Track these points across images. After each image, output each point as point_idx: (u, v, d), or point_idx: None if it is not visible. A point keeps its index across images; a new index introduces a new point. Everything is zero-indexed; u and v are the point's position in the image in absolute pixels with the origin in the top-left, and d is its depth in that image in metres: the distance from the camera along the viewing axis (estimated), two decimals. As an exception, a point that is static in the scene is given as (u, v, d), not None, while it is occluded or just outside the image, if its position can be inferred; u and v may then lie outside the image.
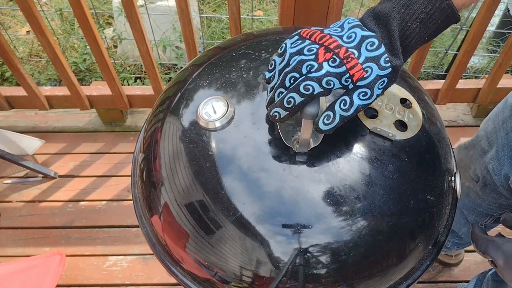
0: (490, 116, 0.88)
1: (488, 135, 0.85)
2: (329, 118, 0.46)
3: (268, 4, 2.55)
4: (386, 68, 0.44)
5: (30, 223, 1.48)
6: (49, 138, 1.67)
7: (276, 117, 0.47)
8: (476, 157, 0.88)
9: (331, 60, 0.44)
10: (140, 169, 0.63)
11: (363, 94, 0.45)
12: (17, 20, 2.43)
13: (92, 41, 1.36)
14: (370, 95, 0.45)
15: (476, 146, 0.89)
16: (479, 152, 0.87)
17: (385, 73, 0.44)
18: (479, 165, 0.87)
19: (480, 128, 0.91)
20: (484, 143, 0.86)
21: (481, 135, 0.88)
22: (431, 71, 2.21)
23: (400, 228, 0.53)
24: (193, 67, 0.65)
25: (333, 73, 0.44)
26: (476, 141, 0.89)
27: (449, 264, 1.39)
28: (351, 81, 0.44)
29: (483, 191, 0.89)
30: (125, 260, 1.40)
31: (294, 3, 1.14)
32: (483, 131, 0.88)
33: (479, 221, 1.01)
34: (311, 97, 0.45)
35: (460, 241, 1.15)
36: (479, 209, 0.96)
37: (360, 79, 0.44)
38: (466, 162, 0.92)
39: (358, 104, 0.45)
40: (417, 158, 0.55)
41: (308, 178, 0.51)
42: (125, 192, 1.56)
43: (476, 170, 0.88)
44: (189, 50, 1.39)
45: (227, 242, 0.52)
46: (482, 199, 0.92)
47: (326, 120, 0.46)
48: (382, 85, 0.45)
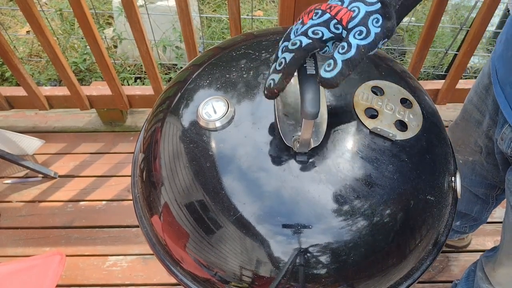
0: (470, 92, 0.90)
1: (477, 106, 0.87)
2: (330, 65, 0.44)
3: (268, 4, 2.55)
4: (373, 4, 0.44)
5: (30, 223, 1.48)
6: (49, 138, 1.67)
7: (271, 84, 0.46)
8: (474, 129, 0.90)
9: (313, 15, 0.46)
10: (140, 169, 0.63)
11: (358, 33, 0.44)
12: (17, 20, 2.43)
13: (92, 41, 1.35)
14: (367, 32, 0.44)
15: (470, 119, 0.91)
16: (474, 124, 0.89)
17: (373, 8, 0.44)
18: (479, 135, 0.89)
19: (465, 104, 0.93)
20: (476, 114, 0.88)
21: (469, 108, 0.90)
22: (431, 71, 2.21)
23: (400, 228, 0.53)
24: (193, 67, 0.65)
25: (316, 23, 0.45)
26: (468, 115, 0.91)
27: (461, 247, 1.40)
28: (342, 27, 0.45)
29: (487, 161, 0.91)
30: (125, 260, 1.40)
31: (294, 3, 1.14)
32: (470, 105, 0.90)
33: (489, 193, 1.02)
34: (300, 51, 0.45)
35: (474, 222, 1.17)
36: (486, 182, 0.98)
37: (350, 20, 0.44)
38: (465, 137, 0.94)
39: (357, 44, 0.44)
40: (417, 158, 0.55)
41: (308, 178, 0.51)
42: (125, 192, 1.56)
43: (478, 141, 0.90)
44: (189, 50, 1.39)
45: (227, 242, 0.52)
46: (487, 171, 0.93)
47: (327, 67, 0.44)
48: (377, 23, 0.44)
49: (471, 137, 0.91)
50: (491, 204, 1.06)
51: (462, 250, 1.41)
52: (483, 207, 1.08)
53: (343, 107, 0.56)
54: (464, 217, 1.15)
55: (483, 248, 1.42)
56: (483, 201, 1.06)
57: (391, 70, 0.65)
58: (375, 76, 0.60)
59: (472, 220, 1.15)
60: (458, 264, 1.39)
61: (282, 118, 0.53)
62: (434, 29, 1.31)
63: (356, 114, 0.55)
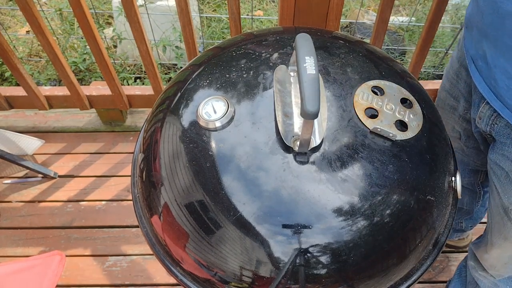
0: (443, 80, 0.92)
1: (450, 92, 0.89)
2: None
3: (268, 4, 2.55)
4: None
5: (29, 223, 1.48)
6: (48, 138, 1.67)
7: None
8: (449, 115, 0.92)
9: None
10: (140, 169, 0.63)
11: None
12: (17, 20, 2.42)
13: (92, 41, 1.35)
14: None
15: (444, 107, 0.92)
16: (449, 110, 0.91)
17: None
18: (455, 120, 0.91)
19: (439, 92, 0.95)
20: (450, 101, 0.90)
21: (443, 95, 0.92)
22: (431, 71, 2.21)
23: (400, 228, 0.53)
24: (193, 67, 0.65)
25: None
26: (442, 102, 0.93)
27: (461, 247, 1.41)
28: None
29: (467, 145, 0.92)
30: (125, 260, 1.40)
31: (294, 3, 1.14)
32: (443, 92, 0.92)
33: (473, 181, 1.05)
34: None
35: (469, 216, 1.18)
36: (468, 168, 1.00)
37: None
38: None
39: None
40: (417, 158, 0.55)
41: (308, 178, 0.51)
42: (125, 192, 1.56)
43: (455, 127, 0.92)
44: (189, 50, 1.39)
45: (227, 242, 0.51)
46: (468, 156, 0.95)
47: None
48: None
49: (448, 125, 0.93)
50: (479, 193, 1.08)
51: (462, 250, 1.41)
52: (472, 197, 1.10)
53: (343, 107, 0.56)
54: (457, 212, 1.16)
55: (483, 248, 1.42)
56: (470, 191, 1.08)
57: (391, 70, 0.65)
58: (375, 76, 0.60)
59: (465, 213, 1.17)
60: (458, 264, 1.39)
61: (282, 118, 0.53)
62: (434, 29, 1.31)
63: (356, 114, 0.55)
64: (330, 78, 0.59)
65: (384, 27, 1.28)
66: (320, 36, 0.67)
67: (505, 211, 0.77)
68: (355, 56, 0.63)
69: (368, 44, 0.71)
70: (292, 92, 0.57)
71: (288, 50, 0.62)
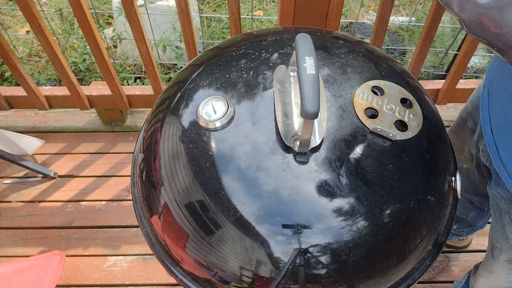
0: (467, 102, 0.92)
1: (471, 115, 0.88)
2: None
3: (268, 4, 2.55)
4: None
5: (29, 223, 1.48)
6: (48, 138, 1.67)
7: None
8: (468, 137, 0.91)
9: None
10: (140, 169, 0.63)
11: None
12: (17, 20, 2.42)
13: (92, 41, 1.35)
14: None
15: (464, 127, 0.92)
16: (468, 133, 0.90)
17: None
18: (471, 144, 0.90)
19: (461, 111, 0.94)
20: (470, 123, 0.89)
21: (464, 116, 0.91)
22: (431, 71, 2.21)
23: (400, 228, 0.53)
24: (193, 67, 0.65)
25: None
26: (462, 123, 0.92)
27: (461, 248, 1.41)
28: None
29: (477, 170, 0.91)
30: (125, 260, 1.40)
31: (294, 3, 1.14)
32: (465, 113, 0.91)
33: (484, 202, 1.03)
34: None
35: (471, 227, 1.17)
36: (480, 191, 0.98)
37: None
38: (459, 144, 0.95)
39: None
40: (417, 158, 0.55)
41: (308, 178, 0.51)
42: (125, 192, 1.56)
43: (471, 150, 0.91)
44: (189, 50, 1.39)
45: (227, 242, 0.51)
46: (478, 180, 0.94)
47: None
48: None
49: (465, 145, 0.92)
50: (487, 212, 1.07)
51: (462, 250, 1.41)
52: (479, 214, 1.09)
53: (343, 107, 0.56)
54: (461, 222, 1.15)
55: (483, 248, 1.42)
56: (479, 208, 1.07)
57: (391, 70, 0.65)
58: (375, 76, 0.60)
59: (468, 225, 1.16)
60: (458, 264, 1.39)
61: (282, 118, 0.53)
62: (434, 29, 1.31)
63: (356, 114, 0.55)
64: (330, 78, 0.59)
65: (384, 27, 1.28)
66: (320, 36, 0.67)
67: (492, 247, 0.78)
68: (355, 56, 0.63)
69: (368, 44, 0.70)
70: (292, 92, 0.57)
71: (288, 50, 0.62)
